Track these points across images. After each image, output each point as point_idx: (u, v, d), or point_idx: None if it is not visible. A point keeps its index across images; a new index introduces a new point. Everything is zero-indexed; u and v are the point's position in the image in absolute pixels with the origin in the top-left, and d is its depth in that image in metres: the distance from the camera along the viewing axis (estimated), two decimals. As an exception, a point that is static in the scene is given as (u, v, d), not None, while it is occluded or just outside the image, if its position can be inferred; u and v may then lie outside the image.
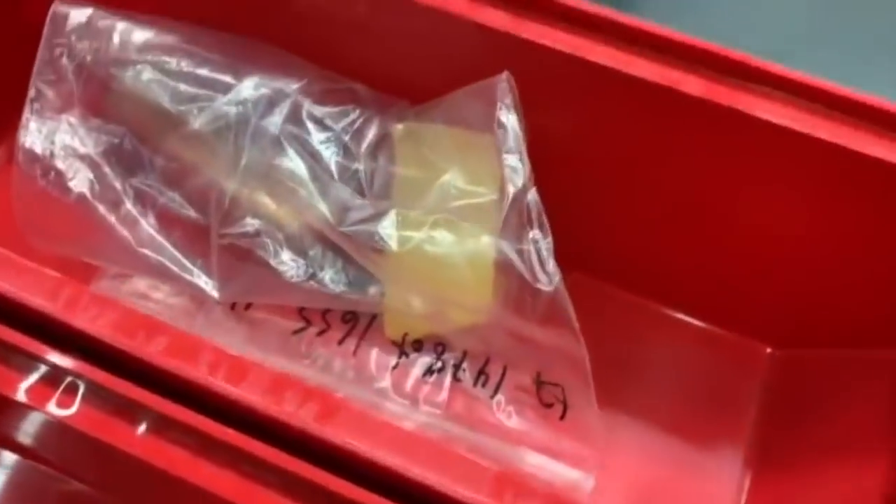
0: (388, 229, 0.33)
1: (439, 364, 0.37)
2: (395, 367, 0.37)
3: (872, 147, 0.30)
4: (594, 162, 0.35)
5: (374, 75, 0.37)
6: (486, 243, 0.32)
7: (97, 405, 0.26)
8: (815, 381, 0.38)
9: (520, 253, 0.32)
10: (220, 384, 0.25)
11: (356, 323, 0.38)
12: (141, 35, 0.37)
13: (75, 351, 0.26)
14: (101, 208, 0.36)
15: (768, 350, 0.39)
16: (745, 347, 0.39)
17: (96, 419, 0.25)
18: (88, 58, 0.37)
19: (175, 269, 0.36)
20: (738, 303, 0.38)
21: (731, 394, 0.38)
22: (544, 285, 0.31)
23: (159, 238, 0.36)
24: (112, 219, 0.36)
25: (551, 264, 0.31)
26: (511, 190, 0.32)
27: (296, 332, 0.38)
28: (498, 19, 0.32)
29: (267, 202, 0.35)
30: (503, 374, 0.36)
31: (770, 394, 0.38)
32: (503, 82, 0.32)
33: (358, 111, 0.36)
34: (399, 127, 0.36)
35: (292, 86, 0.36)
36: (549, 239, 0.31)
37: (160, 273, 0.36)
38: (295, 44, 0.37)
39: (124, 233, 0.36)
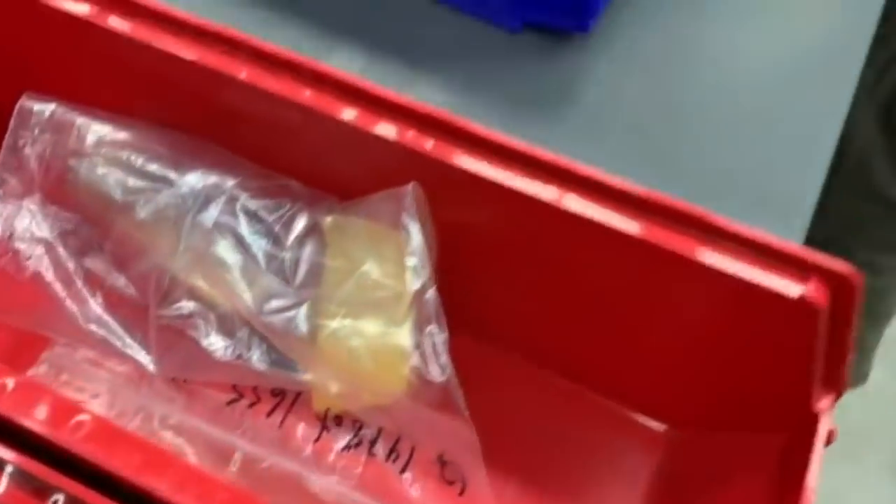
0: (302, 318, 0.36)
1: (357, 440, 0.40)
2: (317, 440, 0.40)
3: (748, 271, 0.33)
4: (499, 255, 0.39)
5: (306, 174, 0.40)
6: (394, 334, 0.36)
7: (24, 487, 0.29)
8: (706, 460, 0.41)
9: (418, 345, 0.35)
10: (133, 475, 0.29)
11: (284, 397, 0.41)
12: (98, 130, 0.41)
13: (5, 435, 0.29)
14: (54, 286, 0.40)
15: (664, 428, 0.42)
16: (642, 425, 0.42)
17: (23, 500, 0.29)
18: (49, 149, 0.40)
19: (118, 344, 0.40)
20: (638, 383, 0.41)
21: (627, 468, 0.41)
22: (436, 377, 0.34)
23: (105, 316, 0.40)
24: (63, 296, 0.40)
25: (444, 358, 0.35)
26: (412, 288, 0.35)
27: (229, 402, 0.41)
28: (409, 139, 0.36)
29: (201, 286, 0.39)
30: (412, 452, 0.39)
31: (664, 470, 0.41)
32: (408, 194, 0.35)
33: (289, 204, 0.40)
34: (328, 220, 0.40)
35: (229, 181, 0.39)
36: (445, 335, 0.35)
37: (105, 347, 0.40)
38: (238, 144, 0.41)
39: (74, 309, 0.40)
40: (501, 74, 0.54)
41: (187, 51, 0.38)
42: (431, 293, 0.35)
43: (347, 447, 0.40)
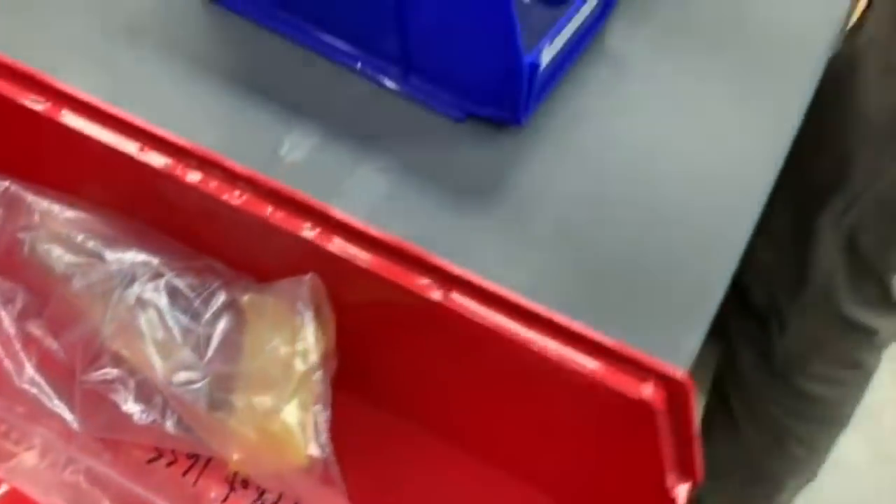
0: (204, 391, 0.40)
1: (260, 502, 0.44)
2: (224, 500, 0.44)
3: (600, 373, 0.37)
4: (395, 337, 0.43)
5: (230, 257, 0.44)
6: (282, 410, 0.39)
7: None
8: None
9: (302, 423, 0.39)
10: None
11: (198, 458, 0.45)
12: (46, 208, 0.45)
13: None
14: (-5, 348, 0.44)
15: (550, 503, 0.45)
16: (529, 498, 0.45)
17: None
18: (0, 222, 0.45)
19: (48, 404, 0.44)
20: (523, 458, 0.45)
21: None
22: (316, 453, 0.38)
23: (37, 377, 0.44)
24: (2, 356, 0.44)
25: (324, 436, 0.38)
26: (299, 369, 0.39)
27: (149, 461, 0.45)
28: (317, 238, 0.40)
29: (124, 355, 0.43)
30: (306, 517, 0.43)
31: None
32: (305, 284, 0.39)
33: (210, 283, 0.44)
34: (245, 298, 0.44)
35: (156, 260, 0.43)
36: (328, 413, 0.38)
37: (36, 404, 0.44)
38: (170, 227, 0.45)
39: (11, 369, 0.44)
40: (442, 160, 0.58)
41: (129, 146, 0.43)
42: (318, 375, 0.39)
43: (250, 509, 0.44)
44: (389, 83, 0.60)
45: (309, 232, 0.40)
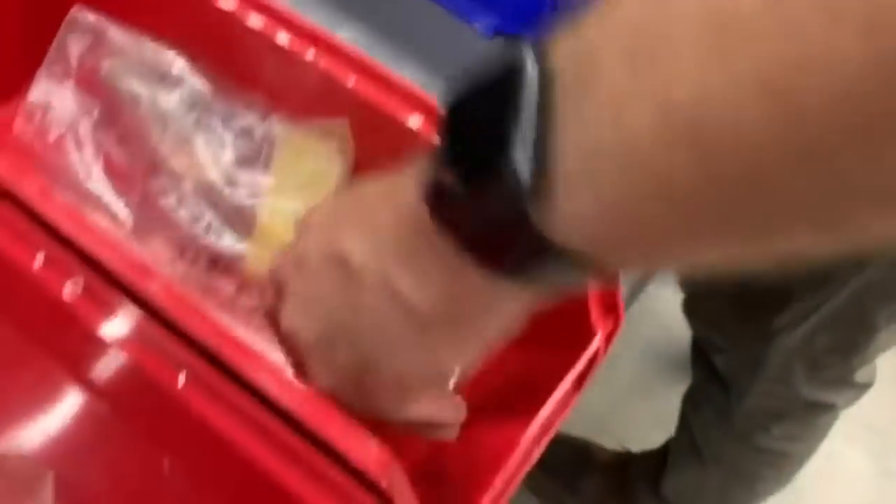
0: (248, 196, 0.48)
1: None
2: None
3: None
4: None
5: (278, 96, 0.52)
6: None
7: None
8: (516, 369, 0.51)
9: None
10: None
11: (218, 262, 0.52)
12: (124, 42, 0.53)
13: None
14: (69, 147, 0.52)
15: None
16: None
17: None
18: (86, 50, 0.53)
19: (108, 202, 0.52)
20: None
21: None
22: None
23: (104, 179, 0.52)
24: (76, 157, 0.52)
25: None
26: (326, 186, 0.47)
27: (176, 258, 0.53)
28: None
29: (177, 168, 0.51)
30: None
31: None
32: (337, 125, 0.48)
33: (260, 112, 0.52)
34: (283, 127, 0.52)
35: (211, 92, 0.52)
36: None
37: (98, 203, 0.52)
38: (234, 70, 0.53)
39: (80, 168, 0.52)
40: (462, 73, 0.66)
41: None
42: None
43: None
44: (430, -5, 0.67)
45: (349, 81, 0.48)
